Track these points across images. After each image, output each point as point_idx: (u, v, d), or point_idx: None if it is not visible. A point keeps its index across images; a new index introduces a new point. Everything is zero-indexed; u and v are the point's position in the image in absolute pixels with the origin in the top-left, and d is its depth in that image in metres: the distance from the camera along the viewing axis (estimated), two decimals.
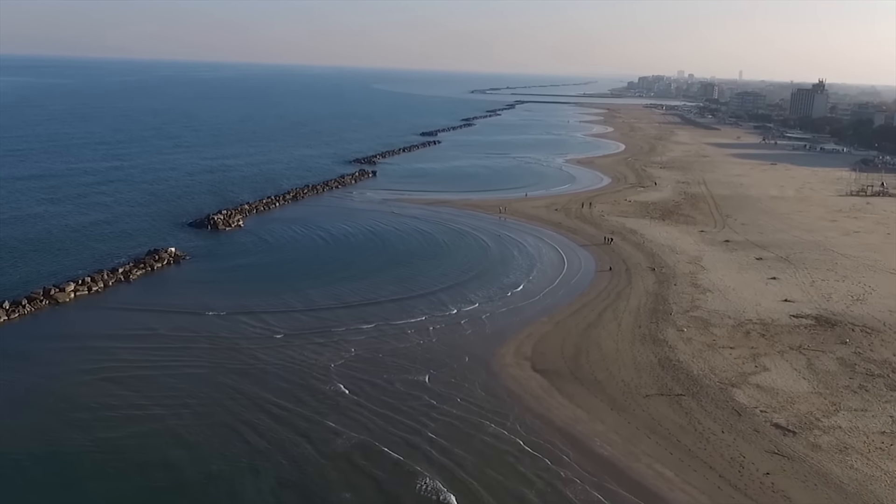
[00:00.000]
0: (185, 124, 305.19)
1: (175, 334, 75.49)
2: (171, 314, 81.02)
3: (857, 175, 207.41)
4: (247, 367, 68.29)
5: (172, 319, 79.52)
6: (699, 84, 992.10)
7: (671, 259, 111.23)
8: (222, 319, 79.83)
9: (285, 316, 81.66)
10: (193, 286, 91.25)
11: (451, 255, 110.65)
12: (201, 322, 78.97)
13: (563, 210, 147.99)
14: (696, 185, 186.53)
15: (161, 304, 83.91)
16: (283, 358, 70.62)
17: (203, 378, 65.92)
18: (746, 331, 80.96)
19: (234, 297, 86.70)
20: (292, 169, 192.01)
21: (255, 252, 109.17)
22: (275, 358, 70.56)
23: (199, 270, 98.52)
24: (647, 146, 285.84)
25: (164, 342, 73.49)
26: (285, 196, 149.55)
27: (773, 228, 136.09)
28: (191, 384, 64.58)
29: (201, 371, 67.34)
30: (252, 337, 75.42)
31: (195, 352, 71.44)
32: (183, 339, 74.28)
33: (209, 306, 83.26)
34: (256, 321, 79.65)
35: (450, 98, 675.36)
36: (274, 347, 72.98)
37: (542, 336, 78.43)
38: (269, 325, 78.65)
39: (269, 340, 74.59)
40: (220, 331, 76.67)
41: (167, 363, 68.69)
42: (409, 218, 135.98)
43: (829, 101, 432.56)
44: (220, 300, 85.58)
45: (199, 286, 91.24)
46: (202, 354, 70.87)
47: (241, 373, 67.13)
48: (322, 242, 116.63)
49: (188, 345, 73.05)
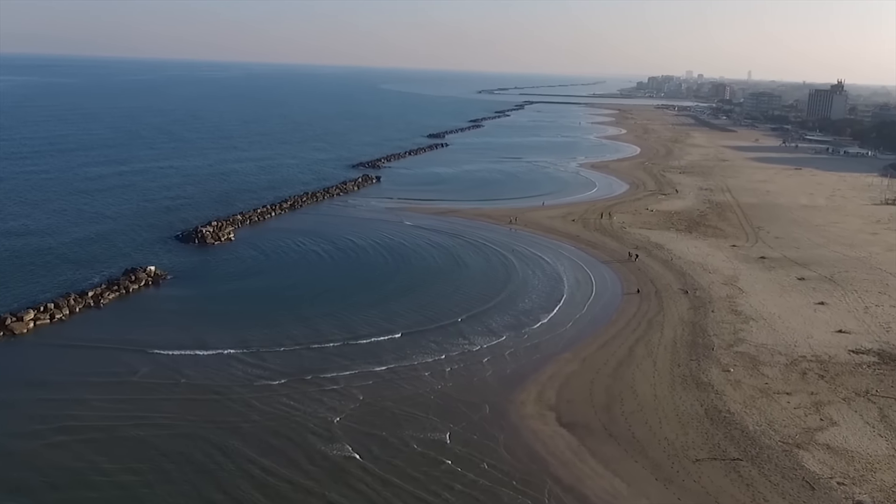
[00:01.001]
0: (186, 125, 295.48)
1: (150, 379, 64.79)
2: (146, 352, 70.22)
3: (889, 181, 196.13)
4: (235, 422, 57.86)
5: (146, 358, 68.91)
6: (710, 84, 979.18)
7: (704, 279, 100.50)
8: (205, 359, 69.25)
9: (279, 355, 71.02)
10: (172, 315, 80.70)
11: (467, 276, 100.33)
12: (180, 362, 68.34)
13: (580, 221, 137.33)
14: (720, 193, 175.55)
15: (134, 339, 73.17)
16: (277, 408, 60.23)
17: (183, 435, 55.57)
18: (802, 371, 70.27)
19: (218, 330, 76.24)
20: (293, 173, 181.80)
21: (246, 272, 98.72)
22: (268, 408, 60.18)
23: (180, 294, 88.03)
24: (663, 149, 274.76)
25: (136, 389, 62.90)
26: (282, 205, 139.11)
27: (810, 243, 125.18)
28: (167, 444, 54.31)
29: (180, 426, 56.92)
30: (240, 381, 64.88)
31: (173, 401, 60.86)
32: (159, 385, 63.77)
33: (190, 341, 72.75)
34: (245, 361, 69.13)
35: (457, 98, 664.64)
36: (267, 395, 62.41)
37: (568, 377, 67.91)
38: (260, 367, 68.06)
39: (261, 386, 64.02)
40: (202, 373, 66.18)
41: (139, 416, 58.23)
42: (419, 230, 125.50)
43: (847, 103, 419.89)
44: (203, 333, 75.10)
45: (178, 315, 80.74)
46: (182, 404, 60.40)
47: (228, 428, 56.75)
48: (322, 260, 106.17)
49: (165, 392, 62.52)
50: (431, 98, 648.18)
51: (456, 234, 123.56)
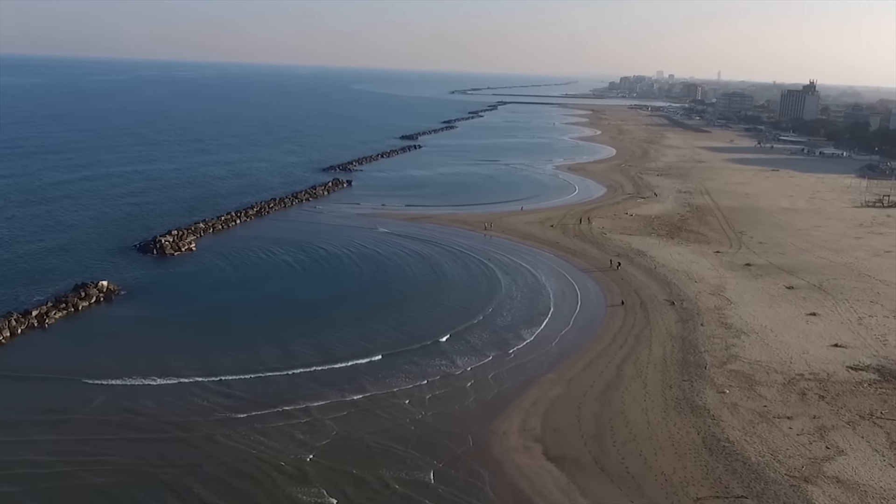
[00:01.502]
0: (154, 127, 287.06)
1: (100, 414, 58.28)
2: (95, 382, 63.72)
3: (867, 183, 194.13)
4: (196, 461, 51.93)
5: (96, 390, 62.43)
6: (681, 84, 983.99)
7: (690, 289, 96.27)
8: (162, 389, 63.00)
9: (247, 382, 64.86)
10: (126, 337, 74.34)
11: (449, 288, 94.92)
12: (135, 393, 62.01)
13: (559, 226, 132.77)
14: (700, 196, 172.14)
15: (82, 366, 66.55)
16: (243, 445, 54.32)
17: (136, 479, 49.66)
18: (801, 391, 66.01)
19: (177, 354, 70.10)
20: (261, 178, 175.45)
21: (208, 285, 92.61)
22: (233, 444, 54.31)
23: (135, 313, 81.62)
24: (639, 151, 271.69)
25: (84, 427, 56.41)
26: (248, 211, 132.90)
27: (794, 248, 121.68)
28: (115, 490, 48.45)
29: (134, 468, 50.91)
30: (203, 414, 58.72)
31: (127, 440, 54.65)
32: (109, 422, 57.42)
33: (146, 368, 66.43)
34: (208, 389, 63.06)
35: (431, 99, 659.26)
36: (232, 429, 56.41)
37: (553, 402, 63.01)
38: (225, 396, 61.99)
39: (226, 420, 57.82)
40: (160, 405, 59.94)
41: (88, 458, 52.03)
42: (394, 237, 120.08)
43: (820, 103, 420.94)
44: (161, 357, 68.85)
45: (133, 337, 74.39)
46: (137, 443, 54.26)
47: (187, 469, 50.95)
48: (293, 271, 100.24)
49: (117, 429, 56.19)
50: (404, 98, 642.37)
51: (433, 241, 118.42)
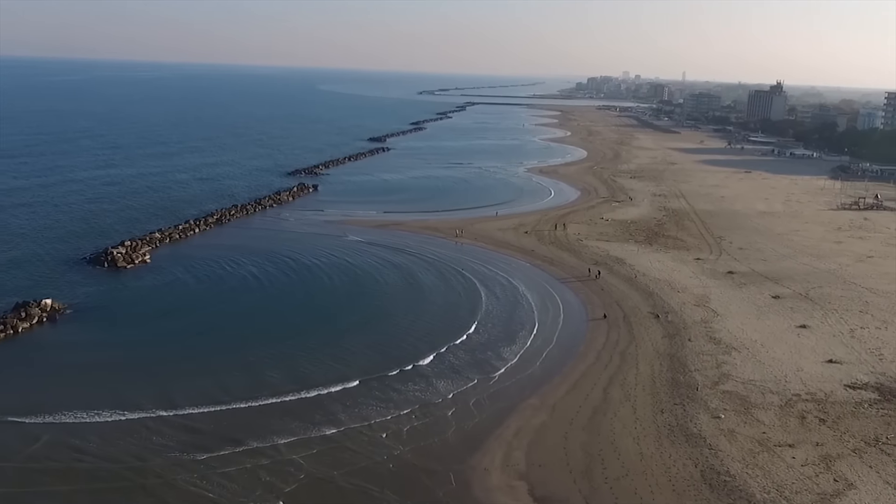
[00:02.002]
0: (111, 129, 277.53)
1: (41, 460, 51.60)
2: (36, 420, 56.90)
3: (841, 185, 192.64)
4: None
5: (37, 429, 55.61)
6: (648, 85, 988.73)
7: (674, 300, 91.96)
8: (114, 426, 56.34)
9: (210, 417, 58.43)
10: (69, 365, 67.29)
11: (428, 302, 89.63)
12: (82, 432, 55.24)
13: (533, 233, 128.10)
14: (675, 199, 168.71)
15: (20, 400, 59.64)
16: (204, 490, 48.44)
17: None
18: (800, 414, 61.72)
19: (126, 383, 63.64)
20: (222, 183, 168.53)
21: (163, 302, 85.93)
22: (193, 489, 48.44)
23: (81, 335, 74.90)
24: (610, 152, 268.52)
25: (22, 476, 49.84)
26: (207, 219, 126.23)
27: (776, 254, 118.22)
28: None
29: None
30: (159, 454, 52.54)
31: (73, 491, 48.34)
32: (52, 468, 50.93)
33: (96, 401, 59.76)
34: (167, 424, 56.82)
35: (398, 99, 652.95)
36: (192, 472, 50.27)
37: (537, 432, 57.96)
38: (185, 432, 55.73)
39: (185, 461, 51.68)
40: (111, 446, 53.24)
41: None
42: (365, 246, 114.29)
43: (787, 104, 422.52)
44: (108, 389, 62.27)
45: (76, 365, 67.43)
46: (83, 495, 48.06)
47: None
48: (255, 285, 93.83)
49: (61, 478, 49.71)
50: (371, 99, 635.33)
51: (406, 250, 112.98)
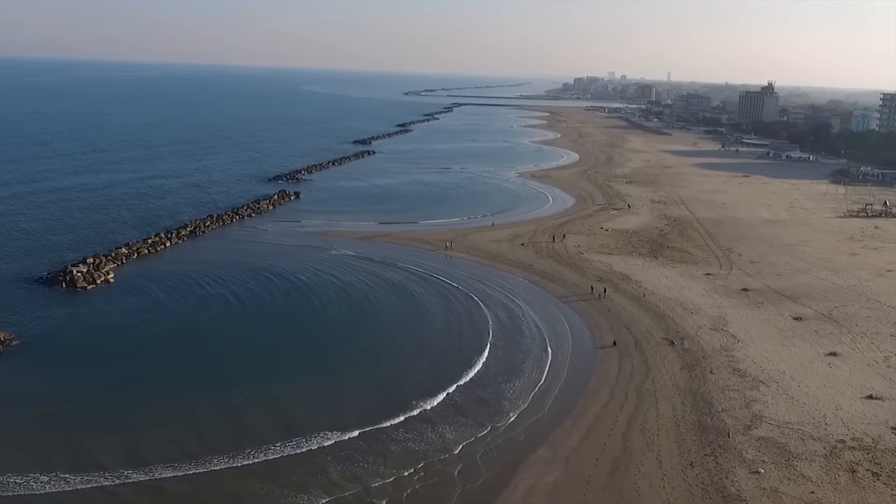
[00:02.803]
0: (85, 131, 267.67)
1: None
2: None
3: (844, 190, 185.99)
4: None
5: None
6: (635, 86, 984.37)
7: (688, 323, 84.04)
8: (66, 497, 47.55)
9: (176, 481, 49.52)
10: (16, 410, 58.13)
11: (429, 328, 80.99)
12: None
13: (530, 244, 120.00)
14: (675, 206, 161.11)
15: None
16: None
17: None
18: (849, 466, 53.82)
19: (79, 435, 54.77)
20: (199, 190, 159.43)
21: (126, 333, 76.33)
22: None
23: (26, 374, 65.68)
24: (602, 155, 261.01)
25: None
26: (180, 232, 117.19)
27: (789, 268, 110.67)
28: None
29: None
30: None
31: None
32: None
33: (47, 460, 51.06)
34: (130, 490, 48.15)
35: (384, 100, 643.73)
36: None
37: (550, 493, 49.74)
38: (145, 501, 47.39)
39: None
40: None
41: None
42: (352, 261, 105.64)
43: (778, 105, 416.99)
44: (56, 444, 53.47)
45: (18, 412, 58.18)
46: None
47: None
48: (233, 309, 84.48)
49: None
50: (356, 100, 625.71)
51: (396, 265, 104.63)
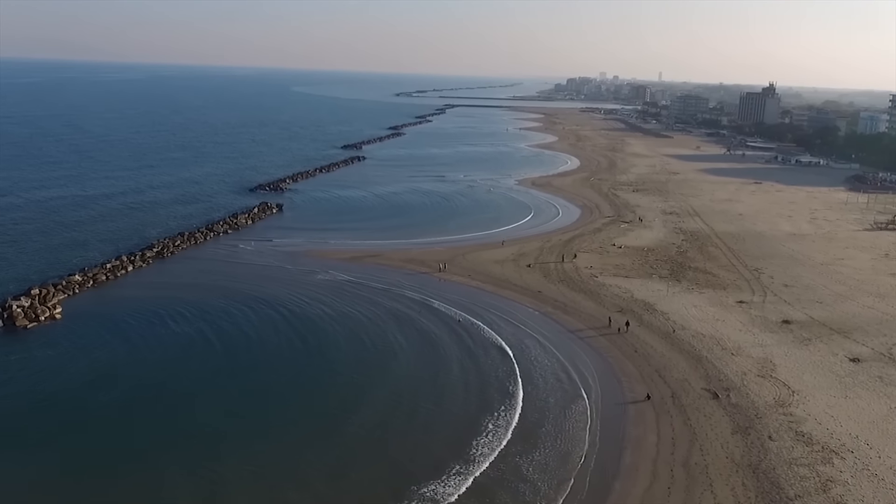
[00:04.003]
0: (60, 137, 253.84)
1: None
2: None
3: (866, 198, 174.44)
4: None
5: None
6: (629, 86, 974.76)
7: (731, 368, 71.82)
8: None
9: None
10: None
11: (442, 381, 68.81)
12: None
13: (537, 266, 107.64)
14: (689, 218, 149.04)
15: None
16: None
17: None
18: None
19: None
20: (170, 204, 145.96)
21: (69, 387, 63.78)
22: None
23: None
24: (604, 160, 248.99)
25: None
26: (145, 253, 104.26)
27: (829, 293, 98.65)
28: None
29: None
30: None
31: None
32: None
33: None
34: None
35: (375, 102, 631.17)
36: None
37: None
38: None
39: None
40: None
41: None
42: (342, 289, 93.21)
43: (780, 106, 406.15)
44: None
45: None
46: None
47: None
48: (204, 354, 71.92)
49: None
50: (347, 102, 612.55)
51: (392, 291, 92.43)
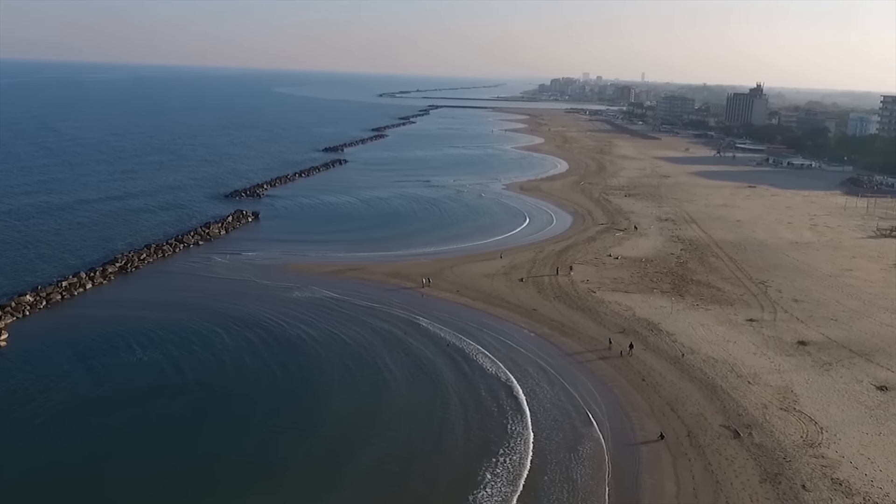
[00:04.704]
0: (33, 140, 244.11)
1: None
2: None
3: (866, 203, 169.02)
4: None
5: None
6: (613, 87, 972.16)
7: (749, 399, 65.02)
8: None
9: None
10: None
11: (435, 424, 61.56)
12: None
13: (530, 280, 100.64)
14: (686, 225, 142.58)
15: None
16: None
17: None
18: None
19: None
20: (141, 212, 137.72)
21: (10, 433, 56.12)
22: None
23: None
24: (593, 164, 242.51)
25: None
26: (106, 269, 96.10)
27: (842, 308, 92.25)
28: None
29: None
30: None
31: None
32: None
33: None
34: None
35: (357, 102, 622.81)
36: None
37: None
38: None
39: None
40: None
41: None
42: (323, 307, 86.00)
43: (768, 107, 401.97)
44: None
45: None
46: None
47: None
48: (167, 388, 64.51)
49: None
50: (329, 103, 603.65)
51: (376, 310, 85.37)
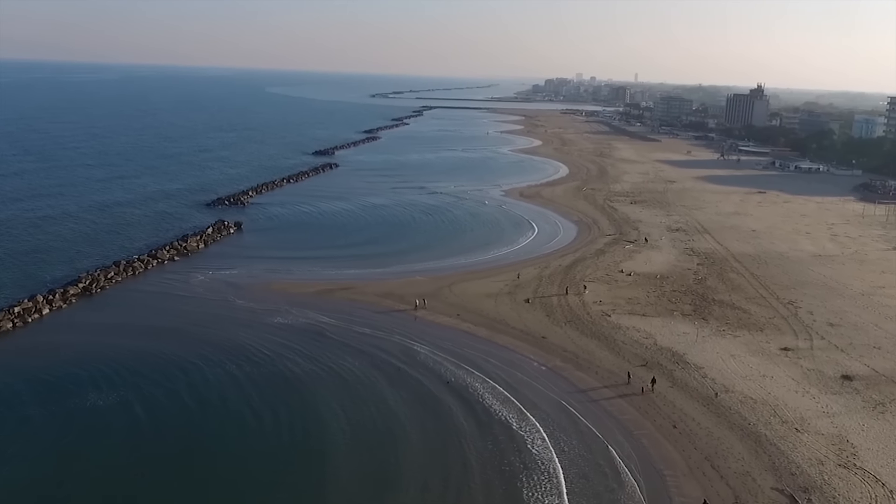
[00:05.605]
0: (12, 141, 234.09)
1: None
2: None
3: (885, 210, 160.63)
4: None
5: None
6: (608, 88, 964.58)
7: (799, 453, 55.92)
8: None
9: None
10: None
11: None
12: None
13: (537, 301, 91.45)
14: (699, 236, 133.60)
15: None
16: None
17: None
18: None
19: None
20: (116, 223, 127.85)
21: None
22: None
23: None
24: (593, 167, 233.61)
25: None
26: (67, 291, 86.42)
27: (883, 333, 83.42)
28: None
29: None
30: None
31: None
32: None
33: None
34: None
35: (350, 103, 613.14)
36: None
37: None
38: None
39: None
40: None
41: None
42: (307, 335, 76.79)
43: (769, 108, 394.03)
44: None
45: None
46: None
47: None
48: (131, 444, 55.36)
49: None
50: (321, 104, 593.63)
51: (370, 337, 75.83)
